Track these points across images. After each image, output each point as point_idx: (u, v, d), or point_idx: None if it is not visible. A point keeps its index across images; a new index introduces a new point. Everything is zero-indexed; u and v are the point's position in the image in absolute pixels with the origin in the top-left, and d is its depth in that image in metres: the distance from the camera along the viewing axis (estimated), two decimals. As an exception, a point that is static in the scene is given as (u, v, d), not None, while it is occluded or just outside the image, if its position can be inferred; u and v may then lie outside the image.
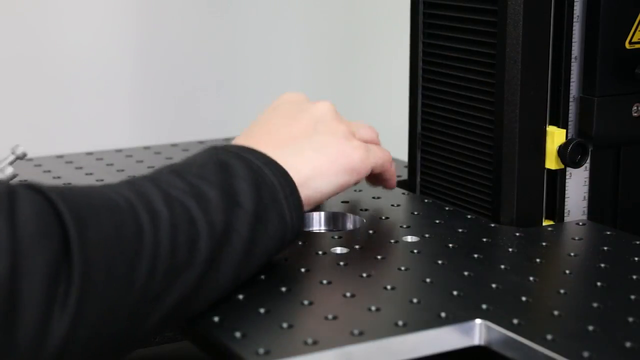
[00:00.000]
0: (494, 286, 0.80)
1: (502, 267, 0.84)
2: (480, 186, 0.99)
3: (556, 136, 0.95)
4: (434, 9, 1.03)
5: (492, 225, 0.96)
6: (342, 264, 0.85)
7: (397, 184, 1.11)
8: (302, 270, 0.84)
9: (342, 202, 1.03)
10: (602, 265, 0.85)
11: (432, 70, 1.04)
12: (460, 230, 0.94)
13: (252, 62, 1.82)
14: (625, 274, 0.83)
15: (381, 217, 0.98)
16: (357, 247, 0.89)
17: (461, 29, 0.99)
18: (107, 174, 1.16)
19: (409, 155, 1.08)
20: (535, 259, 0.86)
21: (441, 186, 1.04)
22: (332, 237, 0.92)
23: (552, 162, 0.95)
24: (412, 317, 0.74)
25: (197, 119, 1.79)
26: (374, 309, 0.75)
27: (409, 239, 0.92)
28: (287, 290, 0.79)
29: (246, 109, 1.76)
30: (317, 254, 0.88)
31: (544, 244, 0.91)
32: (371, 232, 0.94)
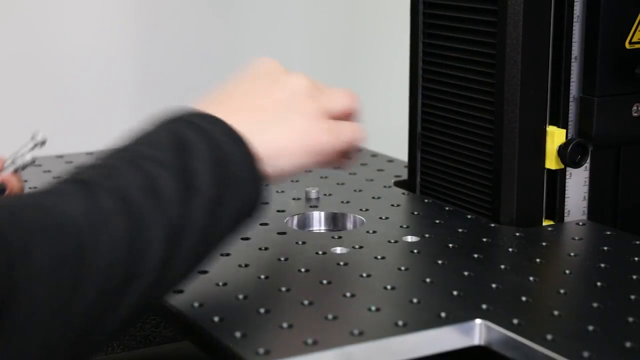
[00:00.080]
0: (494, 286, 0.80)
1: (502, 267, 0.84)
2: (480, 186, 0.99)
3: (556, 136, 0.95)
4: (434, 9, 1.03)
5: (492, 225, 0.96)
6: (342, 264, 0.85)
7: (397, 184, 1.11)
8: (302, 270, 0.84)
9: (341, 202, 1.03)
10: (602, 265, 0.85)
11: (432, 70, 1.04)
12: (460, 230, 0.94)
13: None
14: (625, 274, 0.83)
15: (381, 217, 0.98)
16: (357, 247, 0.89)
17: (461, 29, 0.99)
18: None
19: (409, 155, 1.08)
20: (535, 259, 0.86)
21: (441, 186, 1.04)
22: (332, 237, 0.92)
23: (552, 162, 0.95)
24: (412, 317, 0.74)
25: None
26: (374, 309, 0.75)
27: (409, 239, 0.92)
28: (287, 290, 0.79)
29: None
30: (317, 254, 0.88)
31: (544, 244, 0.91)
32: (371, 232, 0.94)
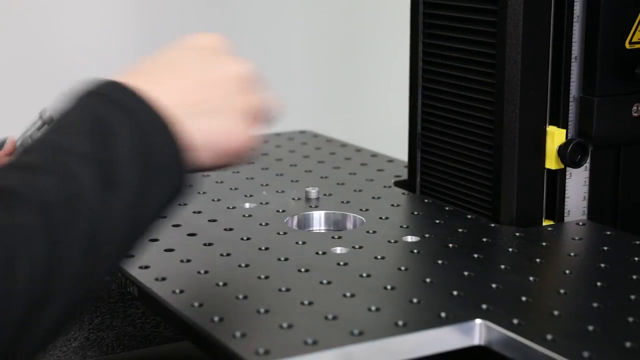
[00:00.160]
0: (494, 286, 0.80)
1: (502, 267, 0.84)
2: (480, 186, 0.99)
3: (556, 136, 0.95)
4: (434, 9, 1.03)
5: (492, 225, 0.96)
6: (342, 264, 0.85)
7: (397, 184, 1.11)
8: (302, 270, 0.84)
9: (341, 202, 1.03)
10: (602, 265, 0.85)
11: (432, 70, 1.04)
12: (460, 230, 0.94)
13: (252, 62, 1.82)
14: (625, 274, 0.83)
15: (381, 217, 0.98)
16: (357, 247, 0.89)
17: (461, 29, 0.99)
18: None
19: (409, 155, 1.08)
20: (535, 259, 0.86)
21: (441, 186, 1.04)
22: (332, 237, 0.92)
23: (552, 162, 0.95)
24: (412, 317, 0.74)
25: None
26: (374, 309, 0.75)
27: (409, 239, 0.92)
28: (287, 290, 0.79)
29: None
30: (317, 254, 0.88)
31: (544, 244, 0.91)
32: (371, 232, 0.94)
